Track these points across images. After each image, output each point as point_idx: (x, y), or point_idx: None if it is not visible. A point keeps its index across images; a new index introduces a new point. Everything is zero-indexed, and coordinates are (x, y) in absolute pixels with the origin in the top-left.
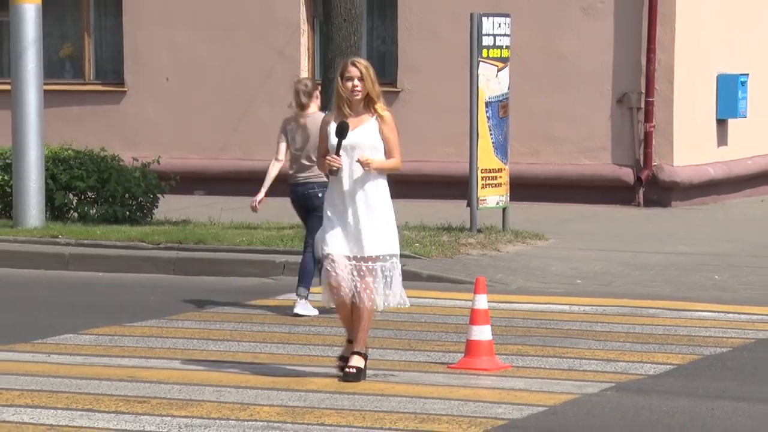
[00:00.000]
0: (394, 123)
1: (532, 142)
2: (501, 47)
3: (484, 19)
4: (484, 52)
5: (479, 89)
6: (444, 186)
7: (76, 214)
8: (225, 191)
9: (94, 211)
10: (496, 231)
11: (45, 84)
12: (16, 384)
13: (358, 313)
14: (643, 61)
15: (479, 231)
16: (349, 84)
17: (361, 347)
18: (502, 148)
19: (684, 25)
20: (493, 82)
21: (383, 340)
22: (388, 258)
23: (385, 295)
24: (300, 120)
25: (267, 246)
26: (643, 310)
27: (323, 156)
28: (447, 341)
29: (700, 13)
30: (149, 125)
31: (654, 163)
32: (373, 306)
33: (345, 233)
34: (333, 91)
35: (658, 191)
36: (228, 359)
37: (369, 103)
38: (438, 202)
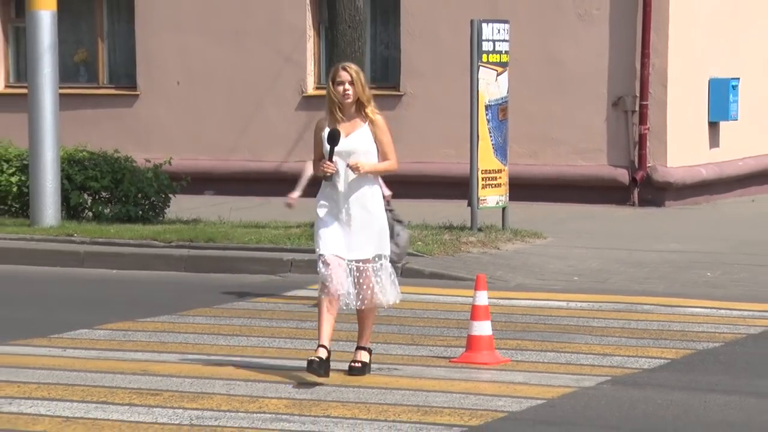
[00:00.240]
0: (386, 125)
1: (530, 144)
2: (500, 52)
3: (484, 25)
4: (484, 57)
5: (479, 93)
6: (445, 186)
7: (91, 214)
8: (234, 191)
9: (108, 210)
10: (495, 230)
11: (60, 88)
12: (33, 377)
13: (361, 314)
14: (638, 66)
15: (480, 230)
16: (341, 88)
17: (366, 342)
18: (501, 150)
19: (677, 31)
20: (492, 86)
21: (387, 335)
22: (381, 258)
23: (383, 293)
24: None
25: (275, 244)
26: (638, 306)
27: (318, 160)
28: (449, 336)
29: (693, 19)
30: (161, 127)
31: (648, 165)
32: (374, 305)
33: (340, 235)
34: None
35: (652, 191)
36: (237, 353)
37: (360, 106)
38: (439, 201)
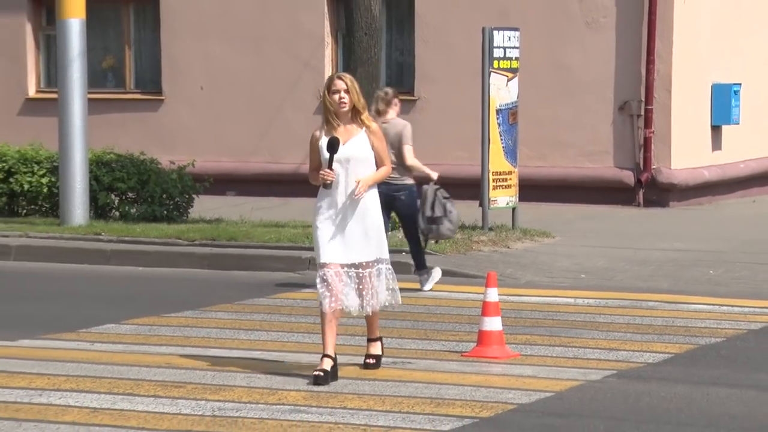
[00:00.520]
0: (381, 132)
1: (539, 147)
2: (511, 59)
3: (495, 32)
4: (495, 63)
5: (490, 98)
6: (457, 187)
7: (118, 213)
8: (255, 192)
9: (134, 210)
10: (506, 229)
11: (89, 93)
12: (63, 370)
13: (369, 320)
14: (643, 72)
15: (490, 229)
16: (336, 97)
17: (375, 333)
18: (511, 152)
19: (681, 38)
20: (503, 91)
21: (401, 330)
22: (382, 261)
23: (381, 297)
24: (380, 124)
25: (294, 243)
26: (643, 302)
27: (315, 169)
28: (460, 331)
29: (696, 26)
30: (185, 131)
31: (653, 167)
32: (377, 308)
33: (339, 242)
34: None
35: (656, 192)
36: (258, 348)
37: (355, 114)
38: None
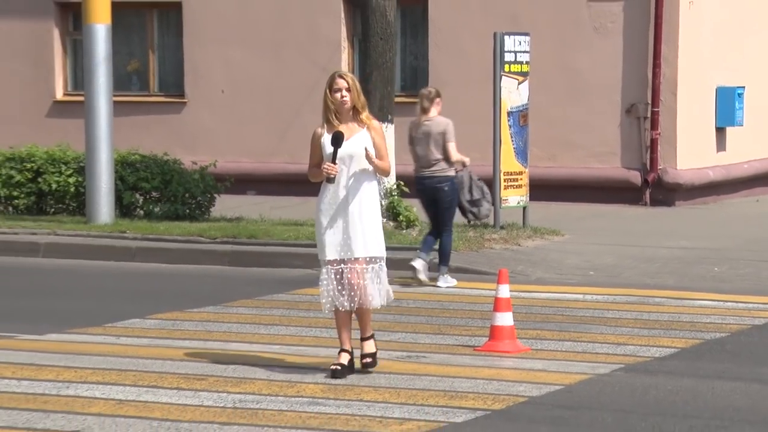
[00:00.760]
0: (382, 130)
1: (549, 148)
2: (521, 63)
3: (506, 37)
4: (506, 67)
5: (502, 100)
6: None
7: (142, 212)
8: (274, 192)
9: (158, 209)
10: (517, 228)
11: (114, 95)
12: (89, 363)
13: (360, 312)
14: (650, 75)
15: (502, 227)
16: (338, 95)
17: (368, 332)
18: (522, 153)
19: (686, 42)
20: (514, 94)
21: (416, 325)
22: (378, 260)
23: (378, 294)
24: (423, 121)
25: (312, 240)
26: (650, 299)
27: (316, 166)
28: (473, 326)
29: (701, 31)
30: (207, 132)
31: (659, 167)
32: (370, 304)
33: (342, 237)
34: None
35: (663, 192)
36: (277, 342)
37: (356, 113)
38: None
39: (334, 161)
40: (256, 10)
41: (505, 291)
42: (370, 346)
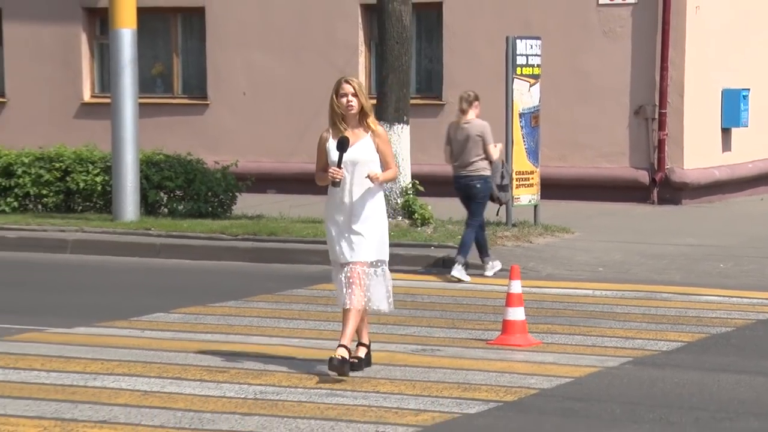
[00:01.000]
0: (387, 136)
1: (559, 148)
2: (533, 66)
3: (518, 41)
4: (518, 70)
5: (514, 102)
6: None
7: (166, 210)
8: (293, 190)
9: (182, 207)
10: (528, 225)
11: (139, 97)
12: (115, 355)
13: (345, 316)
14: (657, 78)
15: (514, 225)
16: (344, 100)
17: (347, 341)
18: (533, 153)
19: (693, 46)
20: (525, 96)
21: (430, 319)
22: (381, 263)
23: (377, 299)
24: (461, 123)
25: None
26: (658, 294)
27: (322, 170)
28: (486, 321)
29: (707, 36)
30: (228, 133)
31: (666, 167)
32: (361, 307)
33: (345, 240)
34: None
35: (670, 191)
36: (296, 335)
37: (362, 117)
38: None
39: (339, 166)
40: (277, 15)
41: (516, 287)
42: (342, 351)
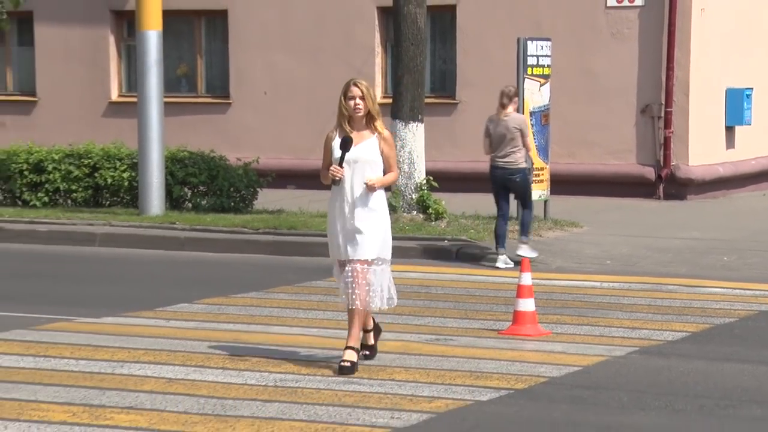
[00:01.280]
0: (393, 140)
1: (569, 146)
2: (543, 66)
3: (529, 42)
4: (529, 70)
5: (525, 101)
6: None
7: (190, 205)
8: (312, 186)
9: (205, 202)
10: (538, 220)
11: (165, 97)
12: (141, 344)
13: (350, 316)
14: (663, 78)
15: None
16: (352, 102)
17: (355, 343)
18: (544, 150)
19: (698, 47)
20: (536, 95)
21: (444, 310)
22: (381, 261)
23: (381, 297)
24: (501, 116)
25: None
26: (663, 286)
27: (327, 168)
28: (497, 311)
29: (712, 37)
30: (250, 131)
31: (672, 163)
32: (365, 306)
33: (346, 238)
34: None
35: (675, 187)
36: (315, 325)
37: (370, 120)
38: (490, 195)
39: (341, 164)
40: (297, 17)
41: (527, 279)
42: (350, 356)
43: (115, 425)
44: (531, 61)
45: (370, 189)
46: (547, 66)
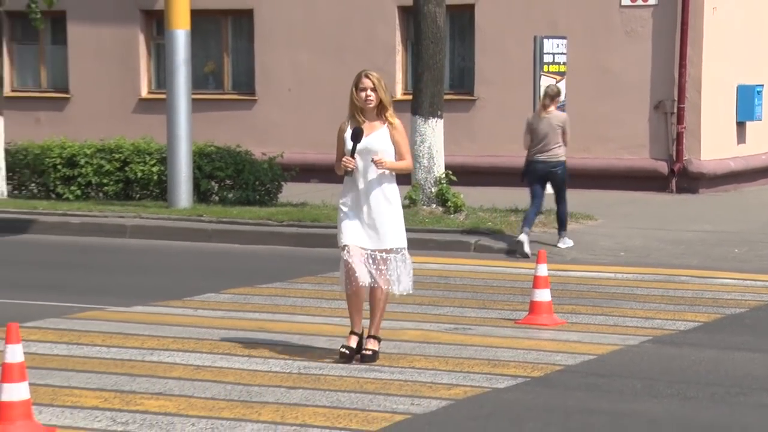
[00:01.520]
0: (404, 129)
1: (584, 141)
2: (559, 63)
3: (545, 40)
4: (545, 68)
5: (541, 97)
6: (511, 176)
7: (217, 198)
8: (335, 180)
9: (231, 195)
10: (554, 213)
11: (192, 93)
12: (170, 332)
13: (374, 299)
14: (676, 75)
15: (541, 213)
16: (363, 94)
17: (376, 331)
18: None
19: (710, 45)
20: None
21: (462, 300)
22: (400, 250)
23: (398, 283)
24: (543, 115)
25: None
26: (676, 277)
27: (339, 159)
28: (514, 302)
29: (724, 35)
30: (275, 127)
31: (684, 158)
32: (387, 291)
33: (360, 227)
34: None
35: (687, 181)
36: (337, 315)
37: (381, 111)
38: (507, 189)
39: (353, 155)
40: (320, 16)
41: (543, 270)
42: (373, 344)
43: (145, 410)
44: (547, 58)
45: (378, 165)
46: (563, 63)
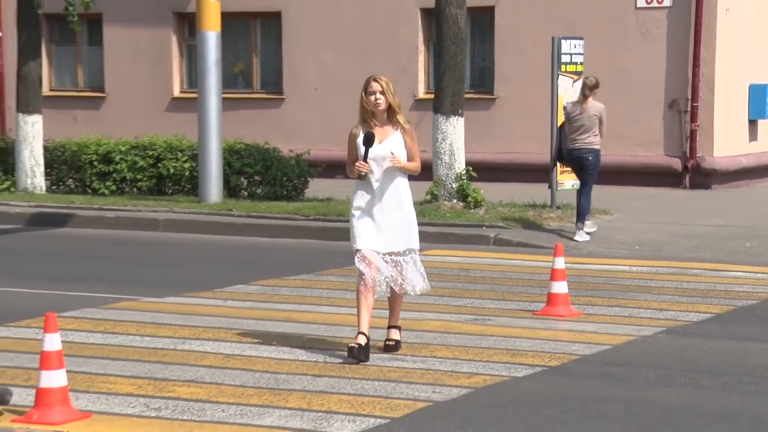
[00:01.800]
0: (413, 132)
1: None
2: (576, 63)
3: (563, 41)
4: (563, 68)
5: (558, 96)
6: (530, 172)
7: (246, 193)
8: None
9: (260, 190)
10: (571, 208)
11: (223, 93)
12: (201, 322)
13: (394, 297)
14: (690, 74)
15: (558, 208)
16: (372, 98)
17: (396, 321)
18: None
19: (723, 45)
20: (569, 90)
21: (482, 292)
22: (412, 252)
23: (413, 282)
24: (582, 105)
25: None
26: (689, 270)
27: (352, 163)
28: (532, 293)
29: (736, 35)
30: (302, 125)
31: (698, 155)
32: (402, 291)
33: (373, 230)
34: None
35: (701, 177)
36: None
37: (391, 114)
38: (525, 185)
39: (365, 160)
40: (346, 18)
41: (560, 263)
42: (395, 334)
43: (177, 397)
44: (565, 58)
45: (395, 162)
46: (580, 63)
